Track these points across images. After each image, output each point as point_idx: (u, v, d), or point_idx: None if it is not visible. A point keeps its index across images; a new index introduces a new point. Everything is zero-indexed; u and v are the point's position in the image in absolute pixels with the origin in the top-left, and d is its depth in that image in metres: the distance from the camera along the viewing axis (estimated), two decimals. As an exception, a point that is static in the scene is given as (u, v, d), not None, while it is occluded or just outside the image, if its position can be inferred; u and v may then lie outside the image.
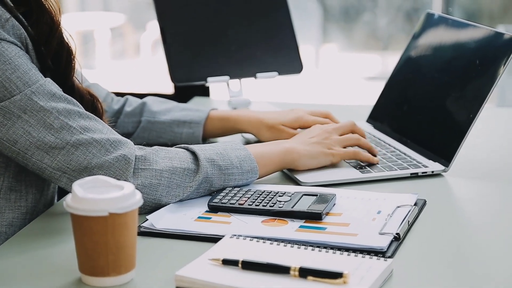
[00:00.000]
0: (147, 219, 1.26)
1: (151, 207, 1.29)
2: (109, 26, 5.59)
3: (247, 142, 1.68)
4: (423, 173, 1.47)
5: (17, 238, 1.26)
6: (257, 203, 1.29)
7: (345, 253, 1.12)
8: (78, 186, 1.08)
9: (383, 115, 1.73)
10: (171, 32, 1.84)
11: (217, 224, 1.25)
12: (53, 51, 1.31)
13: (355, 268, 1.07)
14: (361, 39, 5.48)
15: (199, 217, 1.28)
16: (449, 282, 1.09)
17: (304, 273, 1.05)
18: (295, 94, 4.84)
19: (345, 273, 1.03)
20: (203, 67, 1.85)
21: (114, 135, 1.30)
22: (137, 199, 1.08)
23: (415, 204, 1.30)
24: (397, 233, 1.19)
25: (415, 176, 1.47)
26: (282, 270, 1.06)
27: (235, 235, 1.18)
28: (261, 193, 1.33)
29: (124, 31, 5.71)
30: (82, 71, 1.43)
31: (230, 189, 1.34)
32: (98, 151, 1.26)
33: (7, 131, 1.25)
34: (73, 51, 1.34)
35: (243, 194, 1.32)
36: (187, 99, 2.07)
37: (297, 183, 1.44)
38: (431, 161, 1.51)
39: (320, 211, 1.25)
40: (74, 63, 1.34)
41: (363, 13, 5.32)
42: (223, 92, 1.91)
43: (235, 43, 1.89)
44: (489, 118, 1.80)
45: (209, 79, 1.85)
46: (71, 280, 1.10)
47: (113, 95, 1.71)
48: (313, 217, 1.25)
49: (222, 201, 1.30)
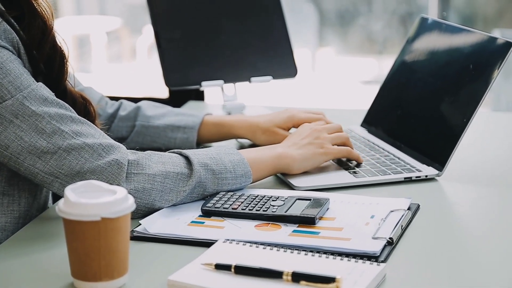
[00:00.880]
0: (140, 224, 1.26)
1: (144, 211, 1.29)
2: (105, 30, 5.58)
3: (241, 147, 1.68)
4: (416, 177, 1.47)
5: (10, 242, 1.26)
6: (251, 208, 1.29)
7: (338, 257, 1.11)
8: (71, 191, 1.07)
9: (377, 119, 1.73)
10: (165, 37, 1.84)
11: (210, 228, 1.25)
12: (46, 55, 1.31)
13: (348, 272, 1.07)
14: (357, 43, 5.48)
15: (192, 222, 1.27)
16: (442, 287, 1.09)
17: (297, 277, 1.05)
18: (290, 98, 4.83)
19: (338, 278, 1.03)
20: (198, 71, 1.85)
21: (107, 139, 1.29)
22: (130, 203, 1.08)
23: (408, 209, 1.29)
24: (390, 238, 1.19)
25: (408, 181, 1.47)
26: (275, 274, 1.06)
27: (228, 239, 1.18)
28: (254, 197, 1.32)
29: (120, 35, 5.71)
30: (75, 75, 1.43)
31: (224, 193, 1.34)
32: (91, 156, 1.26)
33: (-1, 135, 1.24)
34: (66, 55, 1.33)
35: (236, 199, 1.32)
36: (181, 103, 2.06)
37: (290, 187, 1.43)
38: (424, 165, 1.51)
39: (313, 216, 1.25)
40: (67, 67, 1.34)
41: (359, 17, 5.32)
42: (218, 96, 1.90)
43: (229, 47, 1.88)
44: (484, 122, 1.80)
45: (203, 83, 1.85)
46: (63, 285, 1.10)
47: (107, 99, 1.71)
48: (306, 221, 1.25)
49: (216, 206, 1.30)
